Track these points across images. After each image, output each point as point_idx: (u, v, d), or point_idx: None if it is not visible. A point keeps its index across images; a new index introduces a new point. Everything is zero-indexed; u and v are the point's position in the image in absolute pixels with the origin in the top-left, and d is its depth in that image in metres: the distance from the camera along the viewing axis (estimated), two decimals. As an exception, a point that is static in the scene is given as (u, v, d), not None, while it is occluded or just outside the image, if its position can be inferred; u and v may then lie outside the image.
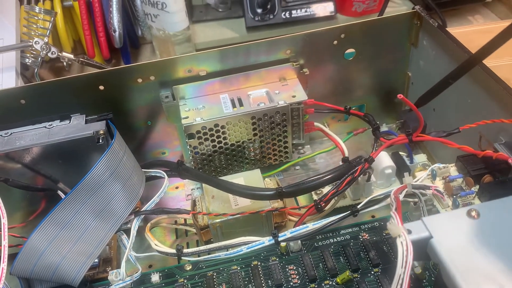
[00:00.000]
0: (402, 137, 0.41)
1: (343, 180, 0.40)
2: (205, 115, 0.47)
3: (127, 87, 0.47)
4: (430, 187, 0.37)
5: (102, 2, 0.69)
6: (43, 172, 0.42)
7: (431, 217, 0.29)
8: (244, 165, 0.52)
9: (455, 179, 0.38)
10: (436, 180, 0.39)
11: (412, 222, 0.29)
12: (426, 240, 0.28)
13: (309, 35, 0.48)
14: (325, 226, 0.38)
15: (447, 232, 0.28)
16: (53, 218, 0.38)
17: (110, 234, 0.41)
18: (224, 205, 0.45)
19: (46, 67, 0.75)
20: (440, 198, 0.37)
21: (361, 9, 0.74)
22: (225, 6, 0.80)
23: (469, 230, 0.28)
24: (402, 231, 0.28)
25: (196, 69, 0.48)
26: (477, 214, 0.28)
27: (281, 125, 0.49)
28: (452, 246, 0.27)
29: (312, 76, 0.51)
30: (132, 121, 0.50)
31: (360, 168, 0.40)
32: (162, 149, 0.54)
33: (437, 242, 0.28)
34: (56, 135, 0.41)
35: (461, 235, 0.28)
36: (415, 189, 0.37)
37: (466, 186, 0.38)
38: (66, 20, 0.73)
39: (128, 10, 0.75)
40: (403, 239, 0.27)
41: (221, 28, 0.77)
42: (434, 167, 0.39)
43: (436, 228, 0.28)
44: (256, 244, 0.38)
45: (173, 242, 0.49)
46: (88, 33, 0.69)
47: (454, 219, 0.29)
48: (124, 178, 0.41)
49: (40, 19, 0.64)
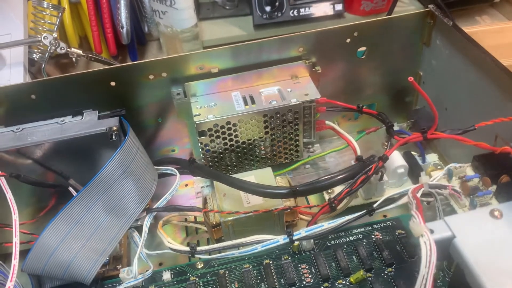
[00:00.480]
0: (417, 135, 0.41)
1: (357, 179, 0.40)
2: (217, 112, 0.46)
3: (138, 84, 0.47)
4: (447, 187, 0.37)
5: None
6: (55, 168, 0.42)
7: (453, 216, 0.29)
8: (255, 164, 0.51)
9: (471, 179, 0.38)
10: (452, 179, 0.39)
11: (434, 222, 0.29)
12: (449, 240, 0.28)
13: (322, 33, 0.47)
14: (341, 225, 0.38)
15: (470, 231, 0.28)
16: (65, 214, 0.38)
17: (123, 231, 0.41)
18: (236, 203, 0.44)
19: (51, 63, 0.75)
20: (457, 198, 0.37)
21: (369, 8, 0.74)
22: (232, 4, 0.80)
23: (493, 230, 0.28)
24: (425, 230, 0.28)
25: (208, 66, 0.47)
26: (500, 214, 0.28)
27: (292, 123, 0.48)
28: (476, 246, 0.27)
29: (323, 74, 0.50)
30: (142, 118, 0.50)
31: (374, 166, 0.40)
32: (172, 147, 0.54)
33: (460, 242, 0.27)
34: (68, 131, 0.40)
35: (484, 235, 0.28)
36: (431, 188, 0.37)
37: (483, 186, 0.37)
38: (73, 16, 0.72)
39: (135, 6, 0.75)
40: (426, 239, 0.27)
41: (228, 25, 0.77)
42: (450, 166, 0.39)
43: (459, 227, 0.28)
44: (271, 243, 0.38)
45: (183, 240, 0.49)
46: (96, 29, 0.68)
47: (477, 219, 0.28)
48: (137, 175, 0.41)
49: (47, 14, 0.63)
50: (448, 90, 0.49)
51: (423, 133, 0.40)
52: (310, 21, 0.73)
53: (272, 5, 0.72)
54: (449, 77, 0.49)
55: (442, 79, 0.50)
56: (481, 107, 0.44)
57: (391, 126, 0.44)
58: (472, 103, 0.46)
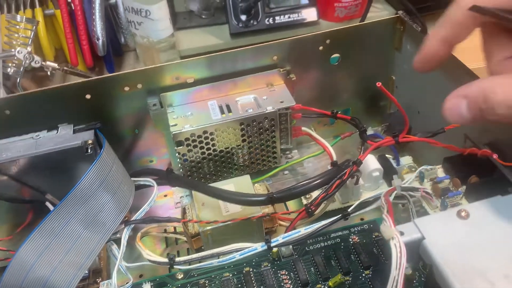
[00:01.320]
0: (388, 139, 0.42)
1: (332, 184, 0.41)
2: (193, 122, 0.47)
3: (114, 96, 0.47)
4: (419, 189, 0.38)
5: (85, 10, 0.69)
6: (31, 184, 0.42)
7: (422, 218, 0.30)
8: (233, 171, 0.52)
9: (442, 180, 0.39)
10: (424, 181, 0.40)
11: (404, 224, 0.29)
12: (418, 241, 0.29)
13: (295, 41, 0.48)
14: (317, 230, 0.38)
15: (439, 232, 0.29)
16: (42, 230, 0.38)
17: (101, 245, 0.41)
18: (214, 212, 0.45)
19: (28, 77, 0.74)
20: (428, 200, 0.37)
21: (343, 14, 0.75)
22: (208, 13, 0.80)
23: (460, 230, 0.29)
24: (395, 233, 0.28)
25: (184, 76, 0.48)
26: (466, 214, 0.29)
27: (269, 130, 0.49)
28: (444, 247, 0.28)
29: (298, 81, 0.51)
30: (119, 130, 0.50)
31: (348, 171, 0.41)
32: (150, 157, 0.54)
33: (429, 243, 0.28)
34: (43, 145, 0.40)
35: (452, 235, 0.28)
36: (404, 191, 0.38)
37: (454, 187, 0.38)
38: (48, 29, 0.72)
39: (110, 17, 0.75)
40: (396, 241, 0.28)
41: (205, 34, 0.78)
42: (422, 169, 0.40)
43: (428, 229, 0.29)
44: (249, 251, 0.38)
45: (163, 250, 0.49)
46: (71, 41, 0.68)
47: (445, 220, 0.29)
48: (113, 188, 0.41)
49: (21, 28, 0.63)
50: (420, 94, 0.51)
51: (394, 137, 0.41)
52: (285, 28, 0.74)
53: (248, 13, 0.72)
54: (420, 81, 0.50)
55: (414, 84, 0.51)
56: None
57: (364, 131, 0.45)
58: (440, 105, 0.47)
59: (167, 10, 0.67)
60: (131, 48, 0.79)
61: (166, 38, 0.69)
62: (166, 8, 0.66)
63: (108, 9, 0.73)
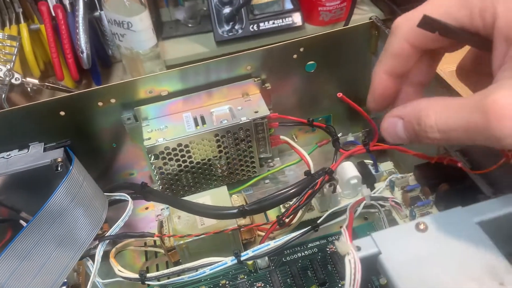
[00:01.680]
0: (359, 147, 0.41)
1: (304, 194, 0.40)
2: (167, 135, 0.46)
3: (88, 111, 0.47)
4: (387, 199, 0.37)
5: (69, 24, 0.69)
6: (4, 203, 0.42)
7: (380, 232, 0.29)
8: (212, 182, 0.51)
9: (413, 189, 0.38)
10: (395, 190, 0.39)
11: (362, 238, 0.29)
12: (375, 256, 0.28)
13: (268, 50, 0.48)
14: (286, 243, 0.38)
15: (395, 247, 0.28)
16: (12, 249, 0.38)
17: (74, 261, 0.41)
18: (190, 225, 0.45)
19: (18, 91, 0.75)
20: (398, 209, 0.37)
21: (328, 18, 0.74)
22: (194, 21, 0.80)
23: (417, 243, 0.28)
24: (350, 248, 0.28)
25: (157, 90, 0.48)
26: (425, 227, 0.28)
27: (245, 140, 0.49)
28: (400, 262, 0.27)
29: (275, 90, 0.51)
30: (96, 145, 0.50)
31: (320, 181, 0.40)
32: (130, 170, 0.54)
33: (385, 258, 0.28)
34: (14, 165, 0.40)
35: (409, 250, 0.28)
36: (373, 200, 0.37)
37: (424, 196, 0.38)
38: (35, 43, 0.73)
39: (97, 30, 0.75)
40: (351, 257, 0.27)
41: (191, 43, 0.78)
42: (392, 177, 0.39)
43: (385, 243, 0.28)
44: (219, 265, 0.38)
45: (143, 264, 0.49)
46: (56, 56, 0.69)
47: (403, 233, 0.29)
48: (85, 204, 0.41)
49: (6, 45, 0.63)
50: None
51: (365, 145, 0.40)
52: (270, 34, 0.74)
53: (232, 21, 0.72)
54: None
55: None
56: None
57: (337, 139, 0.45)
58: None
59: (149, 21, 0.67)
60: (119, 59, 0.79)
61: (150, 49, 0.69)
62: (148, 19, 0.67)
63: (94, 21, 0.74)
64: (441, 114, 0.26)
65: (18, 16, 0.70)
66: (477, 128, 0.25)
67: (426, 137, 0.27)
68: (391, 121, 0.30)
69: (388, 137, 0.30)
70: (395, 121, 0.29)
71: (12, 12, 0.69)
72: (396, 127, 0.29)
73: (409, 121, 0.28)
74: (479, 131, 0.24)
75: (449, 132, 0.26)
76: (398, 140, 0.30)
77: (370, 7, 0.79)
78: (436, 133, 0.26)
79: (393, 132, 0.29)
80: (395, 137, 0.30)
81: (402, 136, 0.29)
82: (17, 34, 0.68)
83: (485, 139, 0.25)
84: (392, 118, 0.30)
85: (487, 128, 0.24)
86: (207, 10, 0.78)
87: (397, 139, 0.29)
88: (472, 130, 0.25)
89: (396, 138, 0.30)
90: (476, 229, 0.28)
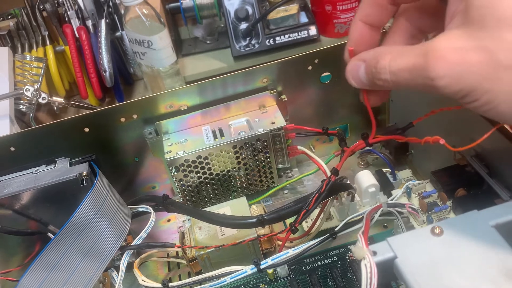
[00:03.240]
0: (360, 143, 0.42)
1: (311, 199, 0.40)
2: (187, 148, 0.48)
3: (111, 127, 0.49)
4: (404, 205, 0.37)
5: (92, 44, 0.72)
6: (33, 216, 0.44)
7: (396, 237, 0.29)
8: (232, 193, 0.52)
9: (430, 195, 0.38)
10: (412, 196, 0.39)
11: (378, 243, 0.29)
12: (391, 260, 0.28)
13: (283, 63, 0.49)
14: (305, 250, 0.39)
15: (411, 251, 0.28)
16: (41, 261, 0.40)
17: (99, 272, 0.42)
18: (211, 235, 0.45)
19: (45, 110, 0.78)
20: (415, 215, 0.37)
21: (343, 30, 0.75)
22: (212, 38, 0.82)
23: (433, 247, 0.28)
24: (366, 253, 0.28)
25: (177, 104, 0.49)
26: (440, 231, 0.29)
27: (263, 151, 0.50)
28: (416, 265, 0.28)
29: (291, 101, 0.52)
30: (119, 159, 0.52)
31: (326, 182, 0.40)
32: (152, 184, 0.55)
33: (401, 262, 0.28)
34: (42, 179, 0.42)
35: (425, 254, 0.28)
36: (390, 207, 0.38)
37: (441, 201, 0.38)
38: (61, 64, 0.76)
39: (119, 49, 0.78)
40: (367, 261, 0.28)
41: (209, 59, 0.80)
42: (409, 184, 0.39)
43: (401, 248, 0.29)
44: (239, 274, 0.39)
45: (166, 275, 0.50)
46: (80, 75, 0.71)
47: (419, 238, 0.29)
48: (109, 216, 0.42)
49: (33, 67, 0.66)
50: (412, 107, 0.50)
51: (364, 139, 0.41)
52: (286, 48, 0.75)
53: (248, 36, 0.74)
54: (411, 93, 0.49)
55: (407, 96, 0.51)
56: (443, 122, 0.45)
57: (342, 138, 0.45)
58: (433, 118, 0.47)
59: (169, 39, 0.69)
60: (140, 77, 0.82)
61: (170, 66, 0.71)
62: (168, 38, 0.69)
63: (116, 41, 0.77)
64: (395, 57, 0.28)
65: (45, 38, 0.73)
66: (418, 69, 0.27)
67: (379, 79, 0.29)
68: (354, 63, 0.32)
69: (352, 79, 0.33)
70: (359, 64, 0.32)
71: (39, 35, 0.73)
72: (359, 70, 0.32)
73: (369, 64, 0.30)
74: (419, 72, 0.27)
75: (398, 73, 0.28)
76: (360, 83, 0.32)
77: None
78: (387, 74, 0.28)
79: (356, 74, 0.32)
80: (357, 79, 0.32)
81: (363, 79, 0.31)
82: (44, 56, 0.71)
83: (423, 81, 0.27)
84: (356, 61, 0.32)
85: (425, 68, 0.26)
86: (224, 27, 0.80)
87: (359, 82, 0.32)
88: (415, 71, 0.27)
89: (358, 81, 0.32)
90: (492, 232, 0.28)
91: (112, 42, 0.74)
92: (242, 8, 0.74)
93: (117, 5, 0.74)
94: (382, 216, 0.40)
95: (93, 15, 0.72)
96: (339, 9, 0.73)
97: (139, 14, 0.65)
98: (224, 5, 0.74)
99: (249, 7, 0.74)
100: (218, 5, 0.76)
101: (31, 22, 0.72)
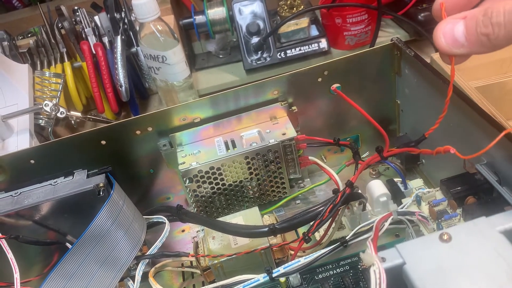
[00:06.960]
0: (375, 156, 0.42)
1: (325, 209, 0.41)
2: (200, 159, 0.49)
3: (127, 140, 0.50)
4: (414, 213, 0.38)
5: (108, 60, 0.74)
6: (52, 227, 0.45)
7: (405, 243, 0.30)
8: (244, 204, 0.53)
9: (440, 203, 0.39)
10: (422, 204, 0.40)
11: (387, 250, 0.30)
12: (400, 267, 0.29)
13: (293, 75, 0.50)
14: (316, 259, 0.39)
15: (420, 257, 0.29)
16: (59, 270, 0.41)
17: (116, 281, 0.43)
18: (224, 245, 0.46)
19: (63, 124, 0.80)
20: (425, 223, 0.37)
21: (353, 42, 0.76)
22: (225, 52, 0.84)
23: (441, 254, 0.29)
24: (375, 259, 0.29)
25: (190, 117, 0.51)
26: (449, 237, 0.29)
27: (274, 162, 0.50)
28: (425, 272, 0.28)
29: (302, 112, 0.53)
30: (135, 171, 0.53)
31: (340, 194, 0.41)
32: (167, 195, 0.56)
33: (409, 269, 0.28)
34: (60, 191, 0.44)
35: (433, 260, 0.28)
36: (401, 215, 0.38)
37: (451, 209, 0.38)
38: (78, 80, 0.78)
39: (134, 65, 0.80)
40: (376, 267, 0.28)
41: (222, 73, 0.81)
42: (418, 192, 0.40)
43: (409, 254, 0.29)
44: (252, 282, 0.39)
45: (180, 284, 0.50)
46: (97, 90, 0.73)
47: (427, 244, 0.29)
48: (125, 226, 0.43)
49: (52, 82, 0.69)
50: (423, 117, 0.51)
51: (379, 152, 0.41)
52: (297, 60, 0.76)
53: (260, 50, 0.75)
54: (421, 104, 0.50)
55: (417, 107, 0.51)
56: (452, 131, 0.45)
57: (356, 152, 0.46)
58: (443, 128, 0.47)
59: (182, 54, 0.71)
60: (155, 91, 0.84)
61: (183, 80, 0.73)
62: (181, 53, 0.70)
63: (131, 57, 0.79)
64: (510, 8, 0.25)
65: (63, 55, 0.76)
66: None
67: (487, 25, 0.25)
68: (450, 21, 0.28)
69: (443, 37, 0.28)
70: (455, 21, 0.28)
71: (57, 52, 0.76)
72: (454, 28, 0.28)
73: (472, 17, 0.27)
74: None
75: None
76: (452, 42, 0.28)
77: (395, 29, 0.81)
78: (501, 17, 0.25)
79: (450, 34, 0.28)
80: (450, 37, 0.28)
81: (460, 38, 0.27)
82: (62, 72, 0.73)
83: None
84: (451, 19, 0.28)
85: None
86: (236, 41, 0.81)
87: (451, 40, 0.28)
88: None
89: (450, 39, 0.28)
90: (500, 238, 0.28)
91: (127, 57, 0.76)
92: (253, 22, 0.75)
93: (133, 22, 0.76)
94: (394, 224, 0.41)
95: (109, 32, 0.75)
96: (349, 22, 0.74)
97: (153, 30, 0.67)
98: (236, 20, 0.76)
99: (261, 22, 0.75)
100: (230, 20, 0.78)
101: (50, 40, 0.75)
